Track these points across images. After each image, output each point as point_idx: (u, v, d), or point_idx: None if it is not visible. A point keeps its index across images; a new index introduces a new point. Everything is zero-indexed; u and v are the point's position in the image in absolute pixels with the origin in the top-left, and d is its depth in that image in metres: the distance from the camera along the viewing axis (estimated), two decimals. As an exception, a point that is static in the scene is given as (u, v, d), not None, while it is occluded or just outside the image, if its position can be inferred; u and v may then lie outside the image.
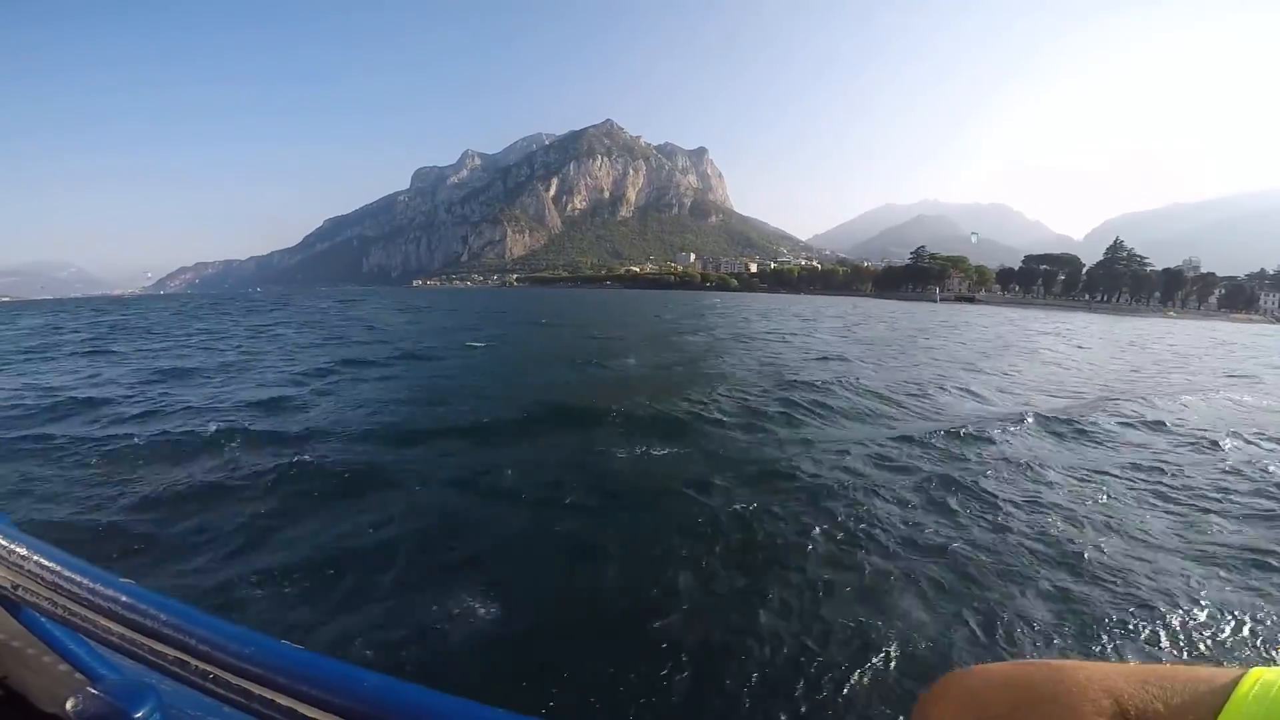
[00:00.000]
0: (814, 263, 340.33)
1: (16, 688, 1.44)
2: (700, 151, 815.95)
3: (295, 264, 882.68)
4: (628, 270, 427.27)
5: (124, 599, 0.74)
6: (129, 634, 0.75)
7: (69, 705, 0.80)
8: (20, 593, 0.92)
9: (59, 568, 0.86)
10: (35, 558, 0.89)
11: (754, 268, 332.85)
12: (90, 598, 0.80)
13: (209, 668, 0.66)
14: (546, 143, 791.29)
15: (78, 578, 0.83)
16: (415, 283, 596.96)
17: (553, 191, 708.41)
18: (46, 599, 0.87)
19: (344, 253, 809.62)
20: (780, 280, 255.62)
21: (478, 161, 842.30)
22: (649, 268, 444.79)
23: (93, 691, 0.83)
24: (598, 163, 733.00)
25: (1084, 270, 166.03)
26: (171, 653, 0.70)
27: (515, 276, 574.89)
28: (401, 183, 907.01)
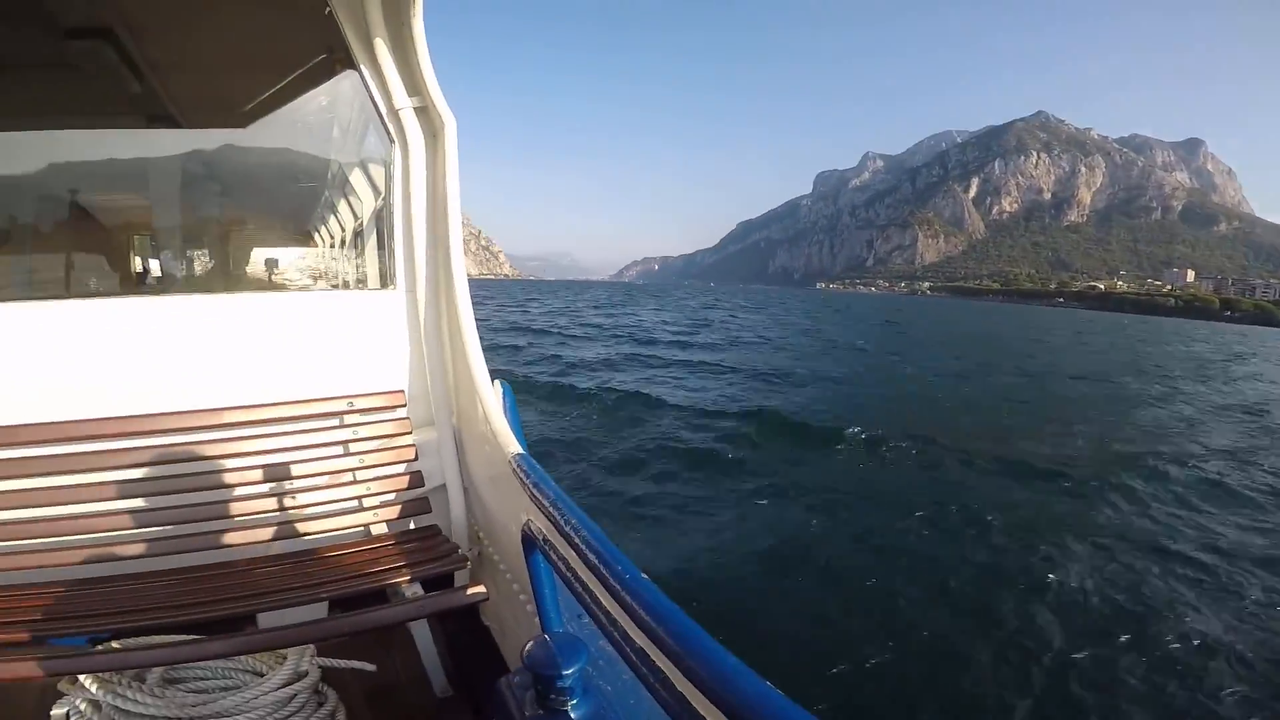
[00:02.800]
0: None
1: (486, 619, 1.76)
2: (1193, 143, 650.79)
3: (713, 263, 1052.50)
4: (1089, 286, 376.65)
5: (614, 566, 0.78)
6: (597, 591, 0.81)
7: (527, 648, 0.87)
8: (543, 542, 1.04)
9: (572, 519, 0.95)
10: (560, 509, 1.00)
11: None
12: (584, 549, 0.87)
13: (657, 657, 0.68)
14: (959, 140, 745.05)
15: (579, 530, 0.90)
16: (819, 285, 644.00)
17: (973, 193, 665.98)
18: (559, 552, 0.99)
19: (752, 254, 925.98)
20: None
21: (879, 163, 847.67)
22: (1121, 284, 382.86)
23: (544, 639, 0.89)
24: (1032, 160, 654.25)
25: None
26: (635, 635, 0.73)
27: (928, 285, 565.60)
28: (804, 187, 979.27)
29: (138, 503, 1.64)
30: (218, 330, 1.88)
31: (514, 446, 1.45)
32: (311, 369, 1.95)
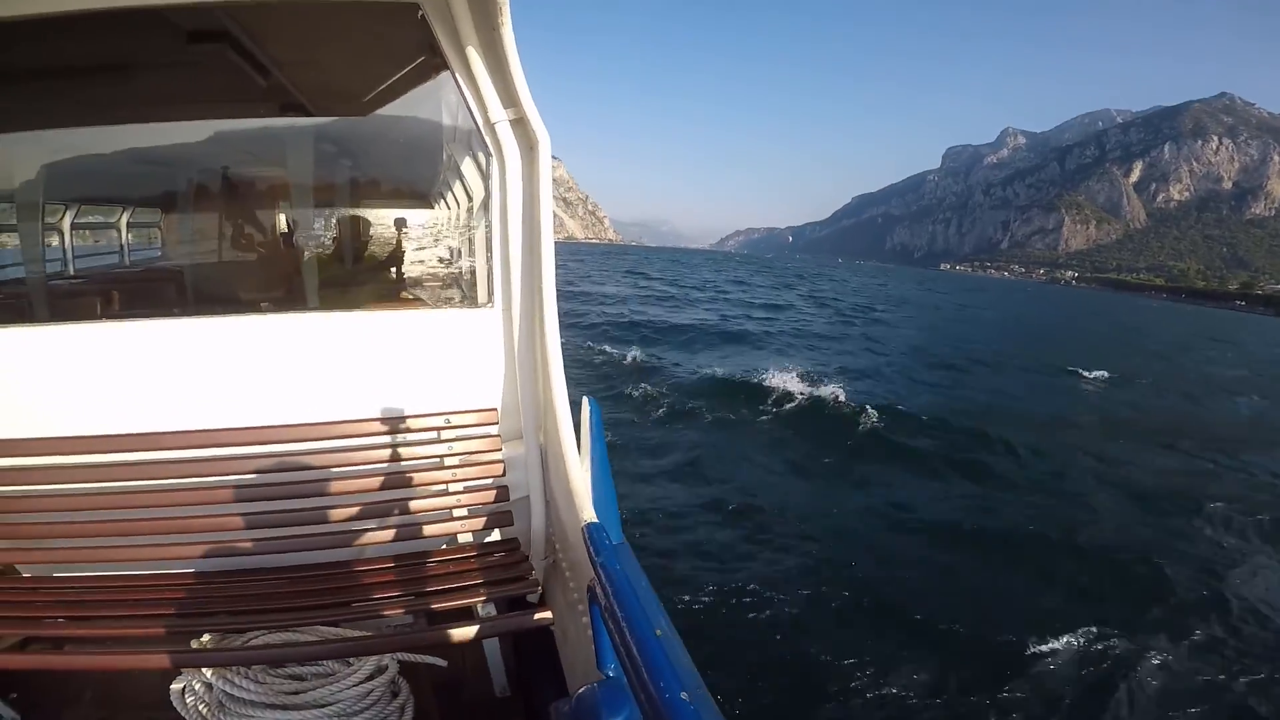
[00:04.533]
0: None
1: (552, 625, 1.82)
2: None
3: (823, 236, 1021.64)
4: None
5: (656, 682, 0.81)
6: (631, 650, 0.87)
7: (580, 691, 0.97)
8: (598, 590, 1.13)
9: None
10: (605, 563, 1.11)
11: None
12: (622, 603, 0.97)
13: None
14: (1118, 120, 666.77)
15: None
16: (943, 266, 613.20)
17: (1135, 177, 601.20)
18: (605, 600, 1.07)
19: (868, 229, 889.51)
20: None
21: (1021, 140, 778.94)
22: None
23: (594, 687, 0.98)
24: (1212, 145, 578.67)
25: None
26: (648, 681, 0.80)
27: (1072, 274, 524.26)
28: (931, 162, 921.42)
29: (257, 505, 1.81)
30: (332, 347, 2.00)
31: (588, 513, 1.49)
32: (415, 386, 2.05)
